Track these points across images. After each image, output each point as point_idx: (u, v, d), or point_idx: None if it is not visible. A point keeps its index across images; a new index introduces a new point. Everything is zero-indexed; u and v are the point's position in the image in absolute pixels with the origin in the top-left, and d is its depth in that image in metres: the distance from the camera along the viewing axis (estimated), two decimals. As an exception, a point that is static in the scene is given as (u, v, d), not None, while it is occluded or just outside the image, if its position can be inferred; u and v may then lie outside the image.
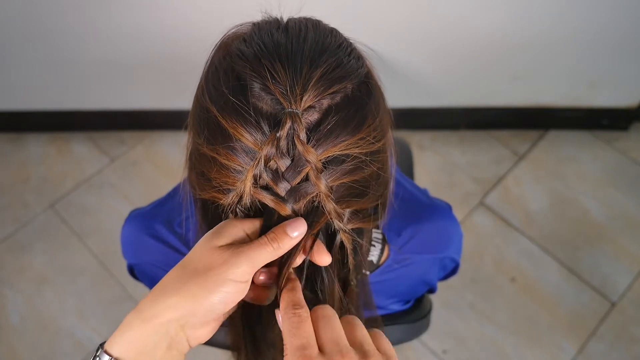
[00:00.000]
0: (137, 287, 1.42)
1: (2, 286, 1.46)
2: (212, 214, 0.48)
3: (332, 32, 0.48)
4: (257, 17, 0.50)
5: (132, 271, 0.75)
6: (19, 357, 1.36)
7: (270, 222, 0.45)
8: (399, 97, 1.59)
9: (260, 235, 0.45)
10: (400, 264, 0.66)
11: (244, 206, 0.46)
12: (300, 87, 0.42)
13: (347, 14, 1.28)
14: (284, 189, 0.44)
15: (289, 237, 0.43)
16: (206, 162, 0.46)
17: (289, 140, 0.42)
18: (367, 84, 0.47)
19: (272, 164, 0.43)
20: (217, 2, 1.26)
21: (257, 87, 0.43)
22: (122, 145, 1.72)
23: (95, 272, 1.48)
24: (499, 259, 1.47)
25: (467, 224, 1.52)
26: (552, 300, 1.40)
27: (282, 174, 0.43)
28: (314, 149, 0.42)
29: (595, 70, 1.50)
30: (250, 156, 0.43)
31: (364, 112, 0.45)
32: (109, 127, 1.74)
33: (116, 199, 1.60)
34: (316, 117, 0.43)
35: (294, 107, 0.42)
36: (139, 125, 1.73)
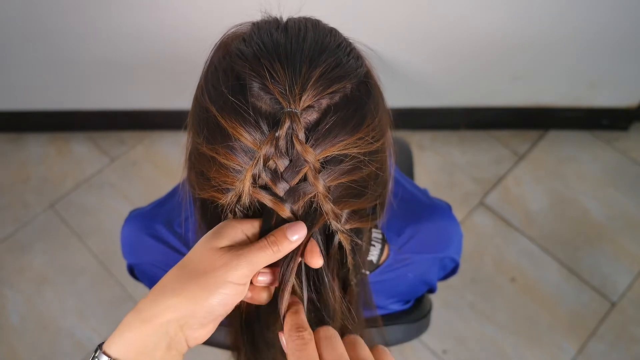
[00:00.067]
0: (137, 287, 1.42)
1: (2, 286, 1.46)
2: (211, 213, 0.48)
3: (332, 31, 0.48)
4: (257, 17, 0.50)
5: (132, 271, 0.75)
6: (19, 357, 1.36)
7: (269, 224, 0.45)
8: (399, 97, 1.59)
9: (260, 236, 0.45)
10: (400, 263, 0.66)
11: (242, 206, 0.46)
12: (299, 86, 0.42)
13: (347, 14, 1.28)
14: (282, 189, 0.44)
15: (289, 241, 0.43)
16: (205, 161, 0.46)
17: (288, 140, 0.42)
18: (366, 84, 0.47)
19: (271, 163, 0.43)
20: (217, 2, 1.26)
21: (256, 87, 0.43)
22: (122, 145, 1.72)
23: (95, 272, 1.48)
24: (499, 259, 1.47)
25: (467, 224, 1.52)
26: (552, 300, 1.40)
27: (281, 174, 0.43)
28: (313, 148, 0.42)
29: (595, 70, 1.50)
30: (249, 156, 0.43)
31: (363, 111, 0.45)
32: (109, 127, 1.74)
33: (116, 199, 1.60)
34: (315, 116, 0.43)
35: (292, 107, 0.42)
36: (139, 125, 1.73)
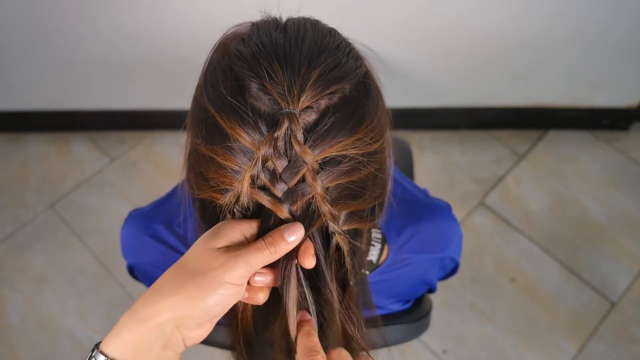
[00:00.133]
0: (137, 287, 1.42)
1: (2, 286, 1.46)
2: (210, 214, 0.48)
3: (331, 32, 0.48)
4: (257, 17, 0.50)
5: (132, 271, 0.75)
6: (19, 357, 1.36)
7: (267, 224, 0.45)
8: (399, 97, 1.59)
9: (258, 237, 0.45)
10: (399, 263, 0.66)
11: (241, 206, 0.45)
12: (298, 87, 0.42)
13: (347, 14, 1.28)
14: (281, 190, 0.44)
15: (286, 242, 0.43)
16: (204, 162, 0.46)
17: (286, 140, 0.42)
18: (365, 85, 0.47)
19: (269, 164, 0.43)
20: (217, 2, 1.26)
21: (255, 87, 0.43)
22: (122, 145, 1.72)
23: (95, 272, 1.48)
24: (499, 259, 1.47)
25: (467, 224, 1.52)
26: (552, 300, 1.40)
27: (280, 174, 0.43)
28: (311, 149, 0.42)
29: (595, 70, 1.50)
30: (247, 156, 0.43)
31: (362, 112, 0.45)
32: (109, 127, 1.74)
33: (116, 199, 1.60)
34: (313, 117, 0.43)
35: (291, 108, 0.42)
36: (139, 125, 1.73)
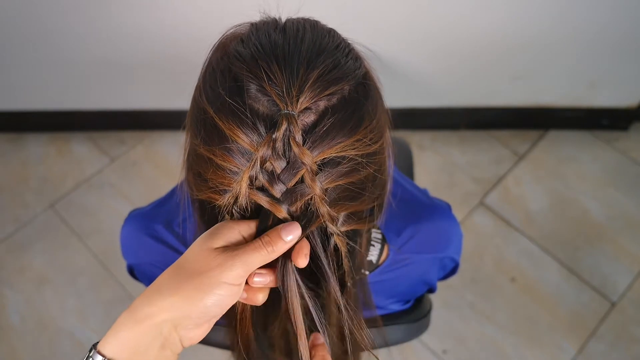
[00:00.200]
0: (137, 287, 1.42)
1: (2, 286, 1.46)
2: (209, 214, 0.48)
3: (330, 32, 0.48)
4: (256, 18, 0.50)
5: (132, 272, 0.75)
6: (19, 357, 1.36)
7: (265, 224, 0.45)
8: (399, 97, 1.59)
9: (256, 237, 0.45)
10: (399, 263, 0.66)
11: (240, 207, 0.45)
12: (296, 88, 0.42)
13: (347, 14, 1.28)
14: (279, 190, 0.44)
15: (283, 241, 0.43)
16: (203, 162, 0.46)
17: (285, 142, 0.42)
18: (364, 85, 0.47)
19: (268, 165, 0.43)
20: (217, 2, 1.26)
21: (253, 88, 0.43)
22: (122, 145, 1.72)
23: (95, 272, 1.48)
24: (499, 259, 1.47)
25: (467, 224, 1.52)
26: (552, 300, 1.40)
27: (278, 175, 0.43)
28: (310, 150, 0.42)
29: (595, 70, 1.50)
30: (246, 157, 0.43)
31: (361, 113, 0.45)
32: (109, 127, 1.74)
33: (116, 199, 1.60)
34: (312, 118, 0.43)
35: (290, 109, 0.42)
36: (139, 125, 1.73)
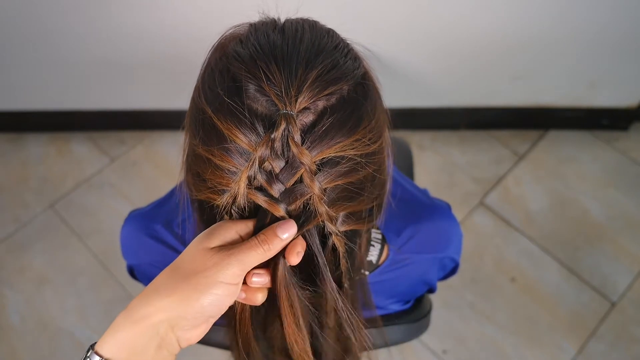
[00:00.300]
0: (136, 287, 1.42)
1: (2, 286, 1.46)
2: (209, 214, 0.48)
3: (329, 32, 0.48)
4: (255, 18, 0.50)
5: (132, 272, 0.75)
6: (19, 357, 1.36)
7: (263, 223, 0.45)
8: (399, 97, 1.59)
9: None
10: (399, 264, 0.66)
11: (238, 207, 0.45)
12: (295, 88, 0.42)
13: (347, 14, 1.28)
14: (278, 190, 0.44)
15: (279, 239, 0.43)
16: (201, 163, 0.46)
17: (284, 141, 0.42)
18: (363, 85, 0.47)
19: (266, 165, 0.43)
20: (217, 2, 1.26)
21: (252, 89, 0.43)
22: (122, 145, 1.72)
23: (95, 272, 1.48)
24: (499, 259, 1.47)
25: (467, 224, 1.52)
26: (552, 300, 1.40)
27: (277, 175, 0.43)
28: (309, 150, 0.42)
29: (595, 70, 1.50)
30: (244, 157, 0.43)
31: (360, 113, 0.45)
32: (109, 127, 1.74)
33: (116, 199, 1.60)
34: (311, 118, 0.43)
35: (288, 109, 0.42)
36: (139, 125, 1.73)
